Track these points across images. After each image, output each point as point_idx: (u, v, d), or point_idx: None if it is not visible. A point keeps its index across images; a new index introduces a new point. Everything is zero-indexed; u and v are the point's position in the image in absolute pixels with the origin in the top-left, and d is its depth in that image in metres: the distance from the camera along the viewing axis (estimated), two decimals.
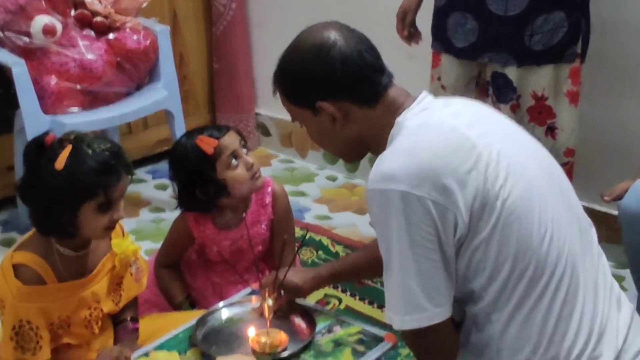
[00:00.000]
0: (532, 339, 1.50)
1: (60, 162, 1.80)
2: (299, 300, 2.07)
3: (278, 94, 1.67)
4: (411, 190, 1.45)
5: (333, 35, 1.59)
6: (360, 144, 1.66)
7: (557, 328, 1.50)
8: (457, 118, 1.57)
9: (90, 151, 1.82)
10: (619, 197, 2.13)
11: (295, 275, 2.01)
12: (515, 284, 1.49)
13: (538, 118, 2.50)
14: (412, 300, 1.48)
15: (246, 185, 2.25)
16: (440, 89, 2.62)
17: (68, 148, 1.82)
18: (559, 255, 1.51)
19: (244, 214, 2.33)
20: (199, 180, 2.23)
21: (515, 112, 2.50)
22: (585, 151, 2.73)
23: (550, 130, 2.51)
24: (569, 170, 2.56)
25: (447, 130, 1.53)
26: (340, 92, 1.58)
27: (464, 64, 2.55)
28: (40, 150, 1.85)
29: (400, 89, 1.64)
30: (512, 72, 2.46)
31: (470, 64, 2.55)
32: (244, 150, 2.26)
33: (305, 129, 1.69)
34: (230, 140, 2.24)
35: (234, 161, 2.23)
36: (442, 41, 2.58)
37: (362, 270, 2.07)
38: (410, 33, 2.69)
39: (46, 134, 1.88)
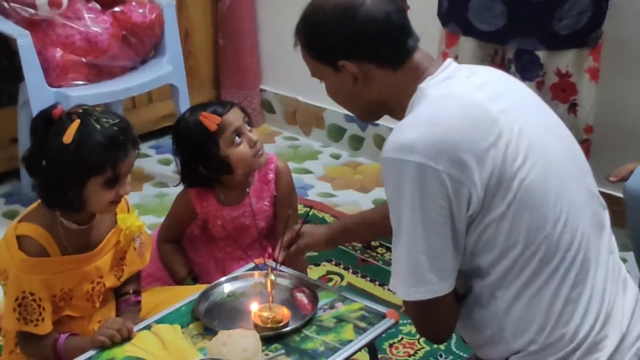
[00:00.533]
0: (537, 320, 1.50)
1: (69, 137, 1.80)
2: (303, 276, 2.08)
3: (299, 47, 1.67)
4: (427, 163, 1.43)
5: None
6: (379, 106, 1.64)
7: (564, 310, 1.49)
8: (481, 91, 1.54)
9: (98, 126, 1.82)
10: (625, 179, 2.13)
11: (309, 227, 2.06)
12: (525, 264, 1.48)
13: (561, 96, 2.51)
14: (419, 273, 1.49)
15: (249, 162, 2.25)
16: None
17: (76, 122, 1.81)
18: (571, 239, 1.50)
19: (247, 190, 2.32)
20: (202, 157, 2.23)
21: (540, 89, 2.50)
22: (598, 133, 2.72)
23: (572, 107, 2.52)
24: (587, 147, 2.59)
25: (469, 104, 1.51)
26: (364, 53, 1.56)
27: (482, 44, 2.55)
28: (48, 123, 1.84)
29: (425, 54, 1.61)
30: (540, 52, 2.47)
31: (488, 45, 2.55)
32: (248, 127, 2.26)
33: (324, 84, 1.67)
34: (234, 117, 2.23)
35: (237, 138, 2.22)
36: (461, 23, 2.57)
37: (371, 226, 2.07)
38: None
39: (54, 106, 1.86)
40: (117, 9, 3.19)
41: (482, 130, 1.47)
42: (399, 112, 1.59)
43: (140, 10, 3.21)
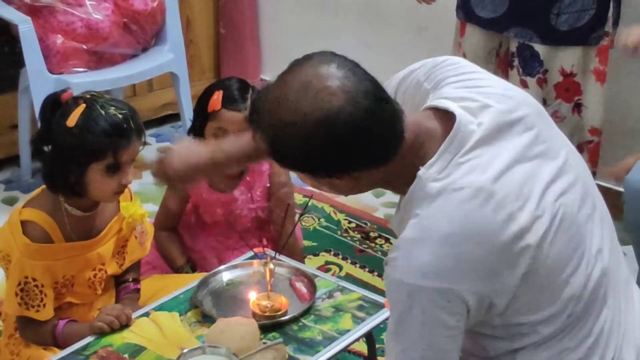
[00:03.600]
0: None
1: (72, 120, 1.81)
2: (301, 265, 2.08)
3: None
4: (449, 286, 1.30)
5: (335, 97, 1.27)
6: (377, 186, 1.46)
7: (593, 345, 1.43)
8: (504, 179, 1.33)
9: (103, 112, 1.82)
10: (619, 178, 2.13)
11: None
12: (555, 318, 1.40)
13: (565, 95, 2.49)
14: None
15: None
16: (462, 55, 2.60)
17: (81, 107, 1.82)
18: (596, 281, 1.41)
19: (242, 178, 2.32)
20: (203, 123, 2.25)
21: (541, 87, 2.49)
22: (608, 132, 2.69)
23: (577, 107, 2.50)
24: (594, 149, 2.55)
25: (487, 208, 1.31)
26: (351, 167, 1.33)
27: (486, 34, 2.56)
28: (56, 106, 1.85)
29: (416, 124, 1.37)
30: (539, 46, 2.46)
31: (492, 35, 2.55)
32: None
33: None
34: (235, 119, 2.21)
35: (222, 134, 2.21)
36: (465, 9, 2.59)
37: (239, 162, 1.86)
38: None
39: (64, 90, 1.88)
40: None
41: (508, 237, 1.31)
42: (399, 192, 1.42)
43: None
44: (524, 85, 2.49)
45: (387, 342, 1.40)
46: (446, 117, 1.37)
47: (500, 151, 1.35)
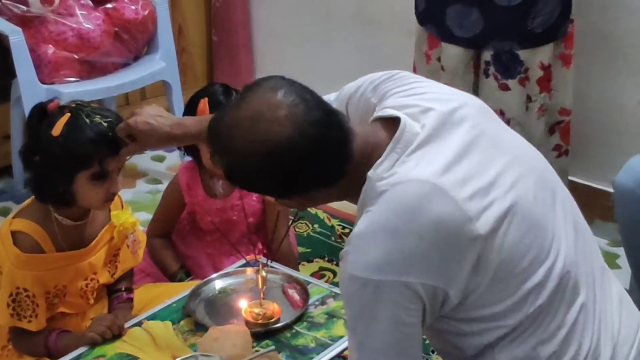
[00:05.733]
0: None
1: (57, 129, 1.81)
2: (294, 272, 2.08)
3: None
4: (399, 279, 1.33)
5: (284, 127, 1.34)
6: (337, 199, 1.52)
7: (566, 338, 1.43)
8: (448, 172, 1.36)
9: (88, 121, 1.82)
10: None
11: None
12: (522, 307, 1.40)
13: (548, 86, 2.56)
14: None
15: (212, 167, 2.24)
16: (439, 70, 2.62)
17: (66, 116, 1.83)
18: (561, 270, 1.41)
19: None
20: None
21: (524, 86, 2.53)
22: (582, 129, 2.74)
23: (550, 92, 2.58)
24: (565, 129, 2.66)
25: (432, 200, 1.34)
26: (304, 188, 1.41)
27: (463, 49, 2.57)
28: (43, 116, 1.86)
29: (362, 139, 1.41)
30: (519, 50, 2.50)
31: (469, 50, 2.57)
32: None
33: None
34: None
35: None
36: (440, 28, 2.58)
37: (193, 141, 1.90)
38: None
39: (51, 100, 1.89)
40: (109, 5, 3.18)
41: (455, 234, 1.33)
42: (355, 200, 1.44)
43: (133, 7, 3.21)
44: (505, 88, 2.53)
45: (348, 337, 1.44)
46: (392, 125, 1.42)
47: (445, 147, 1.39)
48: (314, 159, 1.37)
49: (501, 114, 2.52)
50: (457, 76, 2.55)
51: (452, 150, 1.38)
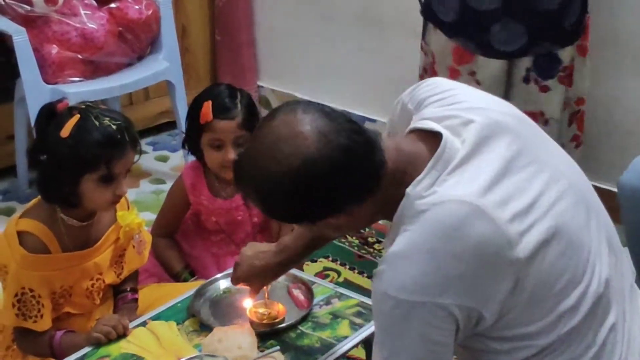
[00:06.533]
0: None
1: (66, 130, 1.81)
2: (298, 272, 2.08)
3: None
4: (433, 300, 1.30)
5: (309, 141, 1.32)
6: (371, 222, 1.50)
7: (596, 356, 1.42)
8: (489, 192, 1.33)
9: (97, 123, 1.82)
10: None
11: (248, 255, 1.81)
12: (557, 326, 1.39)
13: (571, 79, 2.55)
14: None
15: (216, 169, 2.27)
16: (473, 84, 2.50)
17: (75, 117, 1.83)
18: (597, 287, 1.40)
19: None
20: (197, 134, 2.26)
21: (563, 83, 2.52)
22: (588, 129, 2.73)
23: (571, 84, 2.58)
24: (580, 118, 2.64)
25: (472, 222, 1.31)
26: (341, 204, 1.36)
27: (501, 61, 2.50)
28: (52, 116, 1.86)
29: (393, 149, 1.39)
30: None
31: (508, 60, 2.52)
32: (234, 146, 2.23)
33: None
34: (228, 128, 2.22)
35: (218, 144, 2.22)
36: (480, 44, 2.48)
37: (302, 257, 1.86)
38: None
39: (60, 100, 1.89)
40: (113, 5, 3.18)
41: (495, 252, 1.31)
42: (391, 216, 1.41)
43: (137, 7, 3.21)
44: (545, 89, 2.50)
45: (373, 350, 1.42)
46: (431, 138, 1.38)
47: (485, 164, 1.36)
48: (345, 169, 1.33)
49: (541, 114, 2.49)
50: (493, 88, 2.44)
51: (493, 169, 1.35)
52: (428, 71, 2.63)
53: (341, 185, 1.34)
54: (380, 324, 1.39)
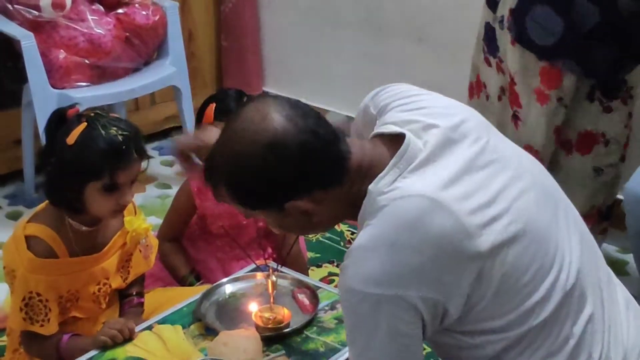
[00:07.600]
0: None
1: (72, 138, 1.82)
2: (304, 277, 2.09)
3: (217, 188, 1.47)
4: (397, 292, 1.32)
5: (277, 122, 1.36)
6: (336, 220, 1.53)
7: (574, 350, 1.42)
8: (451, 186, 1.35)
9: (103, 132, 1.82)
10: None
11: None
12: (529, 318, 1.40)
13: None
14: None
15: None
16: (561, 108, 2.42)
17: (83, 125, 1.83)
18: (567, 277, 1.41)
19: None
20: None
21: (626, 104, 2.44)
22: None
23: None
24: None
25: (432, 216, 1.33)
26: (309, 185, 1.39)
27: (579, 81, 2.40)
28: (62, 122, 1.86)
29: (358, 146, 1.43)
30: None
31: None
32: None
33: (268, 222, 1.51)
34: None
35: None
36: (582, 64, 2.36)
37: None
38: None
39: (72, 106, 1.89)
40: (120, 10, 3.20)
41: (455, 249, 1.33)
42: (356, 216, 1.44)
43: (144, 12, 3.22)
44: (609, 110, 2.42)
45: (348, 347, 1.44)
46: (394, 141, 1.41)
47: (447, 163, 1.39)
48: (313, 151, 1.37)
49: (602, 136, 2.43)
50: (579, 107, 2.41)
51: (454, 168, 1.38)
52: (506, 91, 2.53)
53: (307, 164, 1.37)
54: (348, 320, 1.41)
